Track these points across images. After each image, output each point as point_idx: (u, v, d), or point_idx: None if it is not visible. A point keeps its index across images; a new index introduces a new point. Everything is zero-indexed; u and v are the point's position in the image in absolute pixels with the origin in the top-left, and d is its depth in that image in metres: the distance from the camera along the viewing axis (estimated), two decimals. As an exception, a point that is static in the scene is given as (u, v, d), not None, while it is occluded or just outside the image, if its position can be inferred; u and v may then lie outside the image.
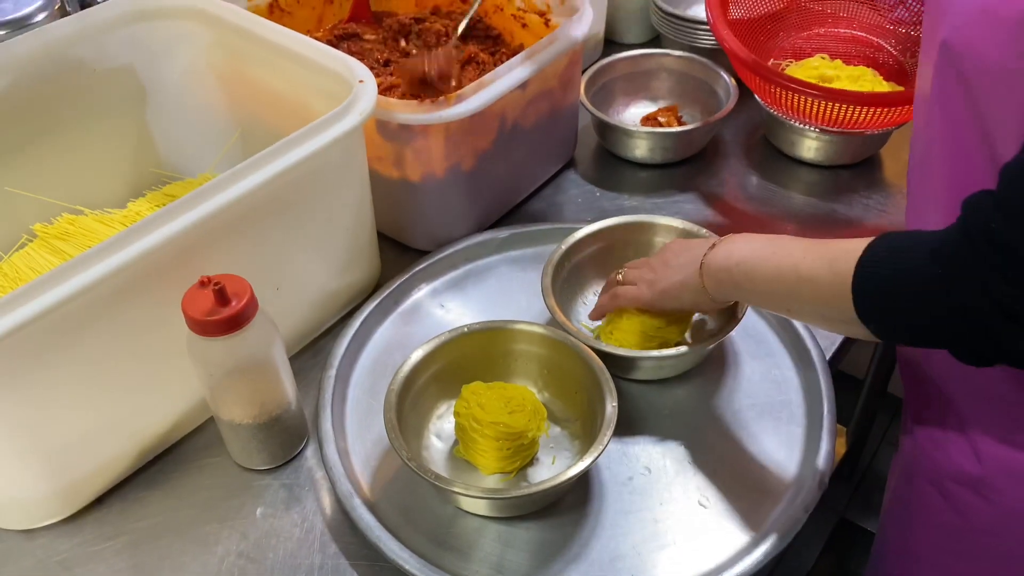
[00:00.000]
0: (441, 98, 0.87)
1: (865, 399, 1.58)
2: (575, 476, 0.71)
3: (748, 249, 0.71)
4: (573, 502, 0.77)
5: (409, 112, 0.87)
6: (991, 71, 0.59)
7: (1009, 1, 0.56)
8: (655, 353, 0.82)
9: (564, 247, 0.91)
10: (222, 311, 0.68)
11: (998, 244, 0.52)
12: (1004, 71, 0.58)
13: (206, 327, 0.68)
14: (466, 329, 0.82)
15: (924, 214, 0.72)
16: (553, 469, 0.79)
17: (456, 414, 0.79)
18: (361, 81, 0.81)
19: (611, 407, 0.74)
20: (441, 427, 0.82)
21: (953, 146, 0.66)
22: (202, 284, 0.68)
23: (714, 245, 0.75)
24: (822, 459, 0.78)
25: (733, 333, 0.85)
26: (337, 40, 1.12)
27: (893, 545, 0.86)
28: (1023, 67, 0.56)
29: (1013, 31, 0.56)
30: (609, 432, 0.73)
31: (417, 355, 0.80)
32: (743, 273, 0.71)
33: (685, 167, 1.15)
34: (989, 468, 0.71)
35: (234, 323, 0.68)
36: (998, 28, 0.57)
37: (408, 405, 0.78)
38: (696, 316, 0.89)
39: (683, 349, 0.82)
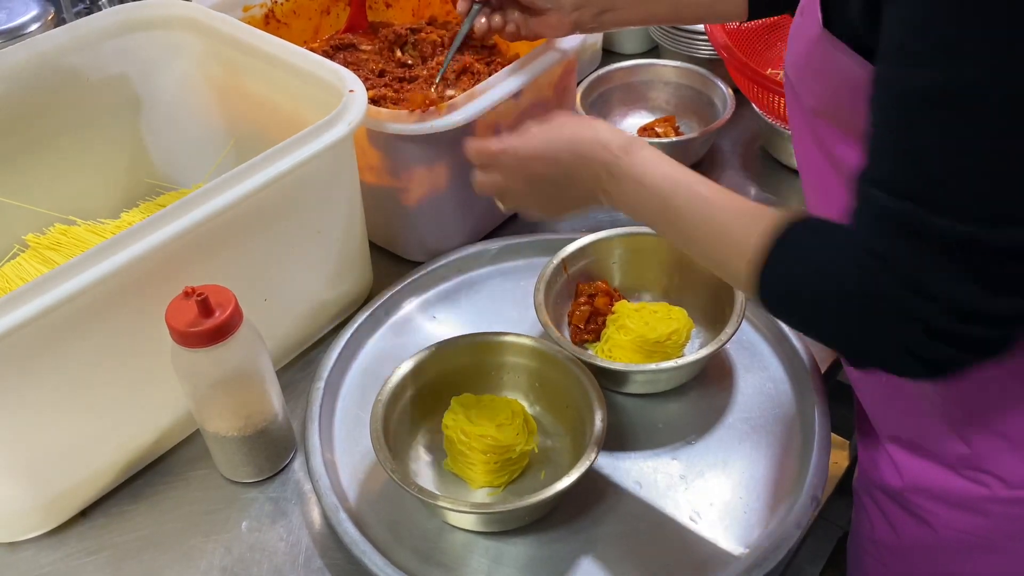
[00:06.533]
0: (432, 108, 0.87)
1: (868, 412, 1.56)
2: (563, 490, 0.70)
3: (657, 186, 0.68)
4: (563, 517, 0.76)
5: (400, 122, 0.87)
6: (815, 93, 0.65)
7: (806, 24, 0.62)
8: (649, 366, 0.81)
9: (557, 260, 0.90)
10: (205, 322, 0.67)
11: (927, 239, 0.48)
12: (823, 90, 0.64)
13: (189, 338, 0.67)
14: (456, 341, 0.82)
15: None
16: (542, 483, 0.77)
17: (445, 427, 0.78)
18: (351, 91, 0.81)
19: (600, 422, 0.73)
20: (430, 440, 0.81)
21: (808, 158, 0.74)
22: (186, 295, 0.68)
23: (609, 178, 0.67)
24: (816, 474, 0.76)
25: (728, 346, 0.83)
26: (334, 51, 1.11)
27: (850, 566, 0.88)
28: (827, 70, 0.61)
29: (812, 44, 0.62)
30: (598, 446, 0.72)
31: (406, 367, 0.79)
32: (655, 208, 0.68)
33: (682, 178, 1.14)
34: (907, 480, 0.72)
35: (218, 334, 0.68)
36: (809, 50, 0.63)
37: (396, 417, 0.78)
38: (693, 330, 0.88)
39: (675, 362, 0.81)
